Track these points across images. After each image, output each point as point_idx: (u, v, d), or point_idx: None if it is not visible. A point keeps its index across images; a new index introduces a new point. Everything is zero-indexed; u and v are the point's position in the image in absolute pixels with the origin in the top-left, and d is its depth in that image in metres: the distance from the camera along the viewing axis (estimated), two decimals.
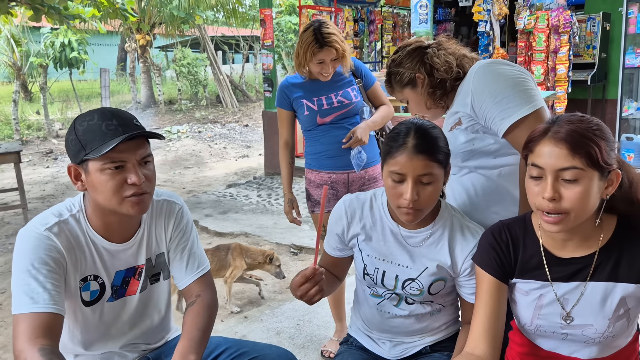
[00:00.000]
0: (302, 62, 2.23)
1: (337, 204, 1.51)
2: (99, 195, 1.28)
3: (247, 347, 1.48)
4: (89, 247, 1.34)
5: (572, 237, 1.16)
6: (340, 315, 2.56)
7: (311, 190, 2.44)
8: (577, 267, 1.17)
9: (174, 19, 13.12)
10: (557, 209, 1.08)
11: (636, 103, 5.23)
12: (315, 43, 2.15)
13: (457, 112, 1.48)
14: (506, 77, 1.37)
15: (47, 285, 1.21)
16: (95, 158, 1.23)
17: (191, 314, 1.38)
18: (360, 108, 2.34)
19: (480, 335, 1.19)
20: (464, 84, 1.48)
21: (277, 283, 3.45)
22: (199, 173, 7.64)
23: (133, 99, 13.92)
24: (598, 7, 6.29)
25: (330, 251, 1.54)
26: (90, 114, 1.28)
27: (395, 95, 1.65)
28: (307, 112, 2.31)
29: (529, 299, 1.22)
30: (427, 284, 1.40)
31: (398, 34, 7.90)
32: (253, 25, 15.28)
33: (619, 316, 1.15)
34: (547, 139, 1.09)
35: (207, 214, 5.09)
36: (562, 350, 1.23)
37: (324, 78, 2.26)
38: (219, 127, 11.30)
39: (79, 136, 1.25)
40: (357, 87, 2.35)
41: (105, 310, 1.39)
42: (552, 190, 1.07)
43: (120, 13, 6.89)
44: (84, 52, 12.87)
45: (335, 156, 2.33)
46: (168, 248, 1.47)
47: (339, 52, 2.19)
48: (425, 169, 1.25)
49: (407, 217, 1.30)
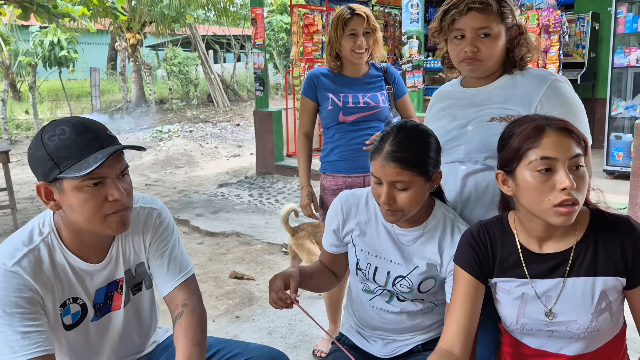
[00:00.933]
0: (334, 43, 2.18)
1: (334, 201, 1.52)
2: (78, 216, 1.19)
3: (239, 349, 1.46)
4: (64, 271, 1.26)
5: (549, 233, 1.18)
6: (335, 317, 2.51)
7: (326, 198, 2.32)
8: (554, 263, 1.18)
9: (164, 17, 13.05)
10: (574, 199, 1.09)
11: (625, 102, 5.27)
12: (347, 12, 2.14)
13: (509, 108, 1.45)
14: (579, 102, 1.46)
15: (24, 329, 1.13)
16: (71, 177, 1.14)
17: (183, 328, 1.31)
18: (388, 117, 2.26)
19: (458, 333, 1.20)
20: (525, 86, 1.47)
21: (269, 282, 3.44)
22: (190, 172, 7.61)
23: (124, 98, 13.84)
24: (587, 7, 6.34)
25: (327, 247, 1.55)
26: (59, 126, 1.17)
27: (475, 18, 1.43)
28: (331, 107, 2.24)
29: (511, 297, 1.23)
30: (417, 282, 1.40)
31: (389, 33, 7.91)
32: (244, 25, 15.24)
33: (601, 310, 1.17)
34: (549, 131, 1.11)
35: (199, 214, 5.07)
36: (549, 348, 1.24)
37: (358, 57, 2.18)
38: (211, 126, 11.26)
39: (51, 152, 1.15)
40: (386, 93, 2.28)
41: (91, 330, 1.34)
42: (569, 179, 1.08)
43: (111, 12, 6.84)
44: (73, 51, 12.77)
45: (351, 158, 2.25)
46: (147, 256, 1.40)
47: (370, 22, 2.14)
48: (398, 176, 1.26)
49: (387, 217, 1.34)
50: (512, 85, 1.49)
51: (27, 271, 1.19)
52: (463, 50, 1.44)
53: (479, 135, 1.46)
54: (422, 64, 4.91)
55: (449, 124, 1.54)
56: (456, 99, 1.58)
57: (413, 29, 4.84)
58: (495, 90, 1.50)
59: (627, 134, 5.17)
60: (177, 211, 5.14)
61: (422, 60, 4.92)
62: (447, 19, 1.45)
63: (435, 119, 1.62)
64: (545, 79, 1.45)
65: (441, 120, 1.58)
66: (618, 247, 1.14)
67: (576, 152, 1.09)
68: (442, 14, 1.48)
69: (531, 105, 1.43)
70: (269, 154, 6.65)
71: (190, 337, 1.29)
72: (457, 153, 1.52)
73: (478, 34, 1.42)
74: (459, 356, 1.17)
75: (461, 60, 1.46)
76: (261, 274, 3.58)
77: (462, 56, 1.45)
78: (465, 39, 1.44)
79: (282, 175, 6.50)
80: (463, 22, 1.42)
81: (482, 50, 1.43)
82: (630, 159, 4.37)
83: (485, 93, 1.51)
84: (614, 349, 1.25)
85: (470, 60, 1.45)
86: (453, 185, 1.54)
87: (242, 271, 3.62)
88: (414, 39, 4.84)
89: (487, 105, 1.49)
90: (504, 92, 1.49)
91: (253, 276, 3.53)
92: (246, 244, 4.22)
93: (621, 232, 1.15)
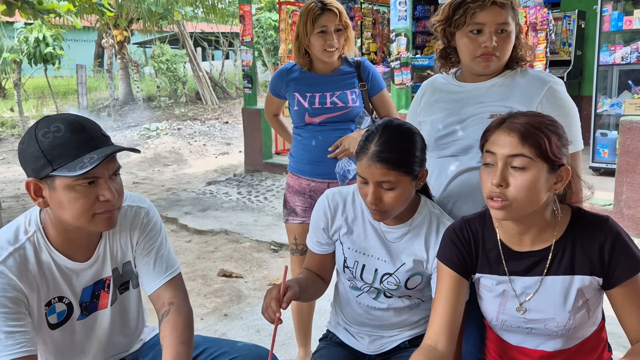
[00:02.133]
0: (303, 39, 2.03)
1: (320, 198, 1.51)
2: (65, 213, 1.18)
3: (227, 347, 1.46)
4: (50, 270, 1.25)
5: (527, 231, 1.19)
6: (305, 340, 2.32)
7: (289, 196, 2.20)
8: (533, 261, 1.19)
9: (152, 14, 12.93)
10: (502, 195, 1.11)
11: (610, 100, 5.32)
12: (317, 7, 1.99)
13: (509, 106, 1.44)
14: (574, 106, 1.49)
15: (7, 329, 1.13)
16: (63, 176, 1.13)
17: (170, 326, 1.30)
18: (358, 115, 2.10)
19: (442, 329, 1.20)
20: (526, 85, 1.47)
21: (257, 280, 3.44)
22: (179, 170, 7.56)
23: (111, 95, 13.71)
24: (573, 5, 6.39)
25: (314, 247, 1.53)
26: (54, 123, 1.16)
27: (497, 13, 1.42)
28: (297, 108, 2.11)
29: (492, 294, 1.24)
30: (404, 279, 1.41)
31: (378, 30, 7.90)
32: (233, 22, 15.16)
33: (579, 308, 1.18)
34: (501, 128, 1.14)
35: (187, 212, 5.04)
36: (528, 344, 1.25)
37: (329, 56, 2.03)
38: (199, 124, 11.19)
39: (45, 149, 1.13)
40: (358, 92, 2.11)
41: (77, 329, 1.33)
42: (500, 176, 1.11)
43: (97, 8, 6.76)
44: (59, 48, 12.60)
45: (317, 162, 2.11)
46: (134, 254, 1.39)
47: (342, 18, 2.01)
48: (384, 176, 1.26)
49: (374, 216, 1.34)
50: (510, 83, 1.49)
51: (12, 270, 1.18)
52: (482, 45, 1.41)
53: (478, 132, 1.45)
54: (410, 61, 4.92)
55: (445, 119, 1.52)
56: (450, 93, 1.56)
57: (401, 27, 4.84)
58: (494, 87, 1.49)
59: (613, 131, 5.22)
60: (165, 209, 5.11)
61: (410, 57, 4.93)
62: (462, 12, 1.42)
63: (429, 111, 1.59)
64: (546, 81, 1.47)
65: (435, 114, 1.56)
66: (596, 247, 1.15)
67: (516, 152, 1.10)
68: (454, 7, 1.45)
69: (532, 105, 1.44)
70: (258, 152, 6.63)
71: (177, 335, 1.29)
72: (452, 148, 1.51)
73: (497, 29, 1.41)
74: (443, 352, 1.18)
75: (478, 55, 1.44)
76: (250, 272, 3.58)
77: (480, 51, 1.43)
78: (483, 33, 1.41)
79: (270, 172, 6.48)
80: (484, 16, 1.40)
81: (500, 46, 1.42)
82: (615, 155, 4.42)
83: (482, 89, 1.50)
84: (594, 344, 1.26)
85: (488, 56, 1.43)
86: (445, 181, 1.53)
87: (231, 269, 3.61)
88: (402, 36, 4.85)
89: (486, 102, 1.48)
90: (503, 90, 1.48)
91: (241, 274, 3.52)
92: (235, 241, 4.20)
93: (600, 232, 1.16)
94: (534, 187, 1.10)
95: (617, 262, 1.14)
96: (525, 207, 1.12)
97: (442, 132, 1.52)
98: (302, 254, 2.14)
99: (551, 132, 1.11)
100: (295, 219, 2.16)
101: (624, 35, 5.23)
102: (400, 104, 4.96)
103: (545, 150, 1.09)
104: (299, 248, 2.16)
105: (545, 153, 1.09)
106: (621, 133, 3.85)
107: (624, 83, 5.30)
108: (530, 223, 1.17)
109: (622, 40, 5.25)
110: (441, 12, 1.50)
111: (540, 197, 1.12)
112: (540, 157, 1.09)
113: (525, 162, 1.09)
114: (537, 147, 1.09)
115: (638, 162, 3.76)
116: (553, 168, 1.11)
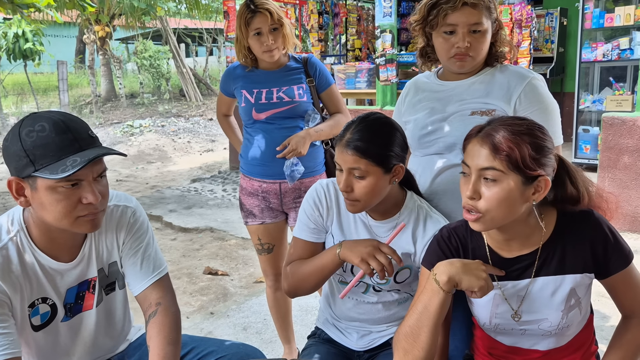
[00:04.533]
0: (242, 41, 2.03)
1: (314, 187, 1.49)
2: (47, 214, 1.16)
3: (214, 346, 1.44)
4: (33, 271, 1.23)
5: (513, 237, 1.18)
6: (289, 337, 2.32)
7: (244, 199, 2.16)
8: (522, 265, 1.19)
9: (134, 10, 12.77)
10: (474, 208, 1.10)
11: (592, 96, 5.40)
12: (247, 11, 1.98)
13: (489, 103, 1.46)
14: (554, 102, 1.49)
15: None
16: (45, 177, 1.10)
17: (157, 326, 1.28)
18: (307, 113, 2.09)
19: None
20: (505, 81, 1.48)
21: (244, 278, 3.42)
22: (163, 168, 7.49)
23: (93, 92, 13.52)
24: (556, 3, 6.46)
25: (307, 236, 1.48)
26: (39, 122, 1.12)
27: (468, 14, 1.42)
28: (244, 104, 2.08)
29: (484, 299, 1.23)
30: (393, 273, 1.40)
31: (362, 27, 7.90)
32: (216, 18, 15.05)
33: (571, 306, 1.19)
34: (476, 138, 1.12)
35: (172, 209, 5.00)
36: (522, 344, 1.26)
37: (270, 57, 2.01)
38: (183, 121, 11.10)
39: (27, 149, 1.11)
40: (305, 87, 2.09)
41: (61, 331, 1.31)
42: (472, 188, 1.10)
43: (78, 3, 6.66)
44: (39, 44, 12.39)
45: (267, 162, 2.06)
46: (121, 255, 1.37)
47: (274, 17, 1.98)
48: (354, 163, 1.29)
49: (347, 207, 1.36)
50: (491, 80, 1.50)
51: None
52: (455, 46, 1.43)
53: (461, 129, 1.46)
54: (395, 57, 4.93)
55: (428, 117, 1.54)
56: (433, 92, 1.57)
57: (386, 23, 4.85)
58: (475, 84, 1.51)
59: (594, 127, 5.30)
60: (149, 207, 5.06)
61: (395, 54, 4.94)
62: (435, 13, 1.43)
63: (413, 110, 1.60)
64: (525, 77, 1.47)
65: (419, 113, 1.57)
66: (587, 243, 1.16)
67: (487, 165, 1.08)
68: (429, 7, 1.45)
69: (511, 101, 1.45)
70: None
71: (165, 336, 1.27)
72: (436, 146, 1.52)
73: (470, 29, 1.42)
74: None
75: (452, 55, 1.45)
76: (235, 270, 3.56)
77: (453, 52, 1.44)
78: (456, 34, 1.42)
79: None
80: (456, 17, 1.41)
81: (474, 46, 1.43)
82: (597, 151, 4.48)
83: (464, 87, 1.52)
84: (584, 339, 1.28)
85: (462, 56, 1.44)
86: (429, 178, 1.54)
87: (217, 267, 3.58)
88: (387, 32, 4.85)
89: (467, 99, 1.49)
90: (483, 87, 1.49)
91: (227, 272, 3.50)
92: (220, 239, 4.18)
93: (587, 228, 1.16)
94: (506, 200, 1.08)
95: (609, 257, 1.16)
96: (499, 218, 1.11)
97: (426, 131, 1.53)
98: (269, 252, 2.16)
99: (527, 142, 1.07)
100: (254, 220, 2.15)
101: (605, 32, 5.30)
102: (386, 101, 4.97)
103: (517, 162, 1.06)
104: (264, 247, 2.16)
105: (517, 165, 1.06)
106: (603, 129, 3.90)
107: (605, 80, 5.38)
108: (514, 231, 1.17)
109: (604, 37, 5.33)
110: (418, 12, 1.51)
111: (516, 208, 1.10)
112: (512, 170, 1.07)
113: (497, 174, 1.07)
114: (508, 160, 1.06)
115: (619, 157, 3.82)
116: (528, 180, 1.08)
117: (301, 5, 7.00)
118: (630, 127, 3.73)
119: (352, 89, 5.50)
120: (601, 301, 2.51)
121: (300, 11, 6.96)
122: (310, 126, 2.07)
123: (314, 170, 2.13)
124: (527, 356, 1.26)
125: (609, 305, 1.29)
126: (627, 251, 1.17)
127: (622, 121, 3.77)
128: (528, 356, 1.26)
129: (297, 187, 2.09)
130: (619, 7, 4.94)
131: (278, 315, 2.29)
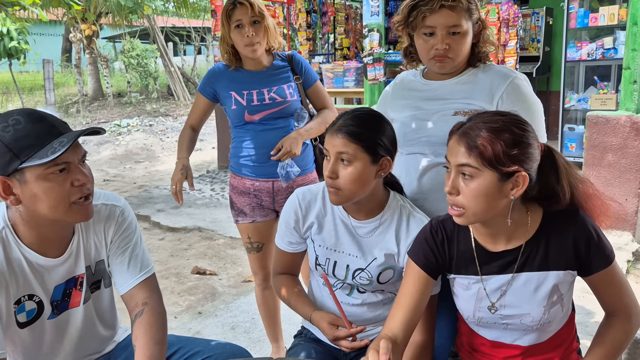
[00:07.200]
0: (226, 37, 2.02)
1: (290, 197, 1.51)
2: (42, 205, 1.16)
3: (201, 346, 1.44)
4: (20, 267, 1.23)
5: (497, 232, 1.20)
6: (277, 335, 2.32)
7: (234, 197, 2.15)
8: (506, 260, 1.21)
9: (121, 8, 12.66)
10: (455, 203, 1.14)
11: (577, 95, 5.45)
12: (229, 3, 1.98)
13: (472, 103, 1.47)
14: (537, 101, 1.50)
15: None
16: (35, 165, 1.11)
17: (143, 326, 1.28)
18: (296, 112, 2.09)
19: (402, 325, 1.21)
20: (488, 81, 1.49)
21: (232, 277, 3.42)
22: (151, 167, 7.45)
23: (79, 91, 13.40)
24: (541, 2, 6.51)
25: (285, 247, 1.53)
26: (11, 117, 1.13)
27: (447, 16, 1.43)
28: (235, 107, 2.04)
29: (469, 293, 1.26)
30: (376, 274, 1.42)
31: (350, 26, 7.91)
32: (204, 16, 14.97)
33: (553, 303, 1.21)
34: (456, 135, 1.15)
35: (159, 209, 4.98)
36: (505, 339, 1.28)
37: (252, 51, 2.00)
38: (171, 120, 11.03)
39: (8, 144, 1.11)
40: (294, 85, 2.10)
41: (47, 329, 1.30)
42: (451, 184, 1.14)
43: (63, 1, 6.60)
44: (24, 42, 12.24)
45: (260, 163, 2.07)
46: (108, 253, 1.38)
47: (255, 9, 1.97)
48: (343, 147, 1.30)
49: (330, 197, 1.37)
50: (474, 80, 1.51)
51: None
52: (434, 48, 1.44)
53: (444, 129, 1.47)
54: (383, 56, 4.94)
55: (412, 116, 1.56)
56: (418, 91, 1.59)
57: (374, 22, 4.86)
58: (459, 84, 1.52)
59: (580, 125, 5.35)
60: (137, 207, 5.03)
61: (383, 53, 4.95)
62: (415, 15, 1.44)
63: (397, 108, 1.62)
64: (507, 76, 1.49)
65: (404, 111, 1.59)
66: (570, 240, 1.18)
67: (463, 162, 1.11)
68: (409, 9, 1.47)
69: (493, 100, 1.46)
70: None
71: (151, 336, 1.27)
72: (420, 145, 1.54)
73: (449, 31, 1.43)
74: (401, 347, 1.20)
75: (431, 57, 1.47)
76: (224, 269, 3.55)
77: (432, 53, 1.46)
78: (435, 36, 1.44)
79: None
80: (434, 19, 1.42)
81: (453, 48, 1.44)
82: (582, 149, 4.53)
83: (448, 87, 1.53)
84: (565, 335, 1.30)
85: (441, 58, 1.46)
86: (414, 176, 1.55)
87: (205, 266, 3.58)
88: (375, 31, 4.86)
89: (450, 99, 1.51)
90: (467, 87, 1.51)
91: (215, 271, 3.50)
92: (208, 238, 4.17)
93: (573, 227, 1.18)
94: (484, 195, 1.10)
95: (591, 257, 1.18)
96: (480, 213, 1.13)
97: (409, 129, 1.55)
98: (258, 251, 2.17)
99: (501, 139, 1.08)
100: (244, 219, 2.14)
101: (590, 32, 5.35)
102: (374, 100, 4.98)
103: (490, 159, 1.08)
104: (254, 246, 2.17)
105: (491, 162, 1.08)
106: (587, 127, 3.95)
107: (590, 79, 5.43)
108: (498, 226, 1.18)
109: (588, 36, 5.38)
110: (400, 13, 1.52)
111: (495, 203, 1.12)
112: (487, 166, 1.09)
113: (472, 171, 1.11)
114: (482, 157, 1.09)
115: (604, 155, 3.86)
116: (504, 175, 1.10)
117: (289, 4, 6.99)
118: (614, 126, 3.77)
119: (340, 88, 5.51)
120: (586, 297, 2.54)
121: (288, 10, 6.94)
122: (300, 125, 2.08)
123: (305, 169, 2.14)
124: (509, 351, 1.28)
125: (593, 301, 1.31)
126: (609, 251, 1.19)
127: (606, 120, 3.81)
128: (510, 352, 1.28)
129: (289, 186, 2.09)
130: (603, 7, 4.99)
131: (266, 313, 2.29)
